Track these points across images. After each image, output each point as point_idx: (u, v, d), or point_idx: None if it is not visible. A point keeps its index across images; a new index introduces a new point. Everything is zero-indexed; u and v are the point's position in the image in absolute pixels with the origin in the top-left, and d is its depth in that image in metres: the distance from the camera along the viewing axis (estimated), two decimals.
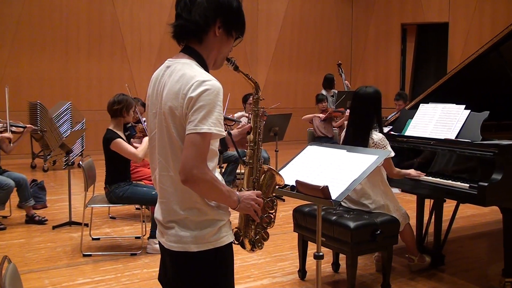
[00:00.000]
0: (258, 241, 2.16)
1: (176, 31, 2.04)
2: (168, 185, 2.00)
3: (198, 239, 1.97)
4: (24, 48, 10.61)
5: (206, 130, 1.84)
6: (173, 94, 1.91)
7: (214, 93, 1.87)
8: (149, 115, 2.09)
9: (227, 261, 2.07)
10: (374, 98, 3.96)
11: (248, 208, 2.05)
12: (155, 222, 4.73)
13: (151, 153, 2.11)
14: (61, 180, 8.78)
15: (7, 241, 5.23)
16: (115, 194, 4.80)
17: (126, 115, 4.93)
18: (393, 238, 3.89)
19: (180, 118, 1.90)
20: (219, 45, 2.04)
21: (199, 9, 1.96)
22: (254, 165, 2.17)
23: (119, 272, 4.40)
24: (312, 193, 2.52)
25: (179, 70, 1.95)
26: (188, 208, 1.97)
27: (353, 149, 2.84)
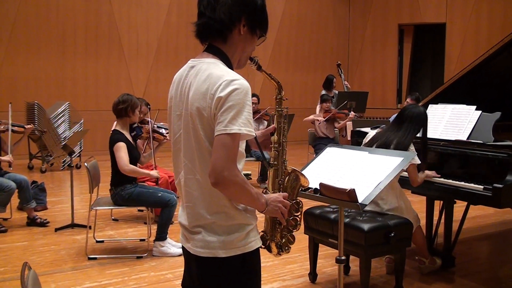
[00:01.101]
0: (285, 244, 2.11)
1: (200, 29, 1.98)
2: (195, 189, 1.94)
3: (226, 244, 1.91)
4: (20, 47, 10.48)
5: (236, 130, 1.78)
6: (201, 95, 1.85)
7: (243, 92, 1.81)
8: (173, 117, 2.02)
9: (255, 267, 2.01)
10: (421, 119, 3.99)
11: (275, 210, 1.99)
12: (161, 224, 4.70)
13: (175, 156, 2.05)
14: (59, 181, 8.68)
15: (9, 244, 5.13)
16: (121, 196, 4.73)
17: (132, 114, 4.86)
18: (407, 240, 3.85)
19: (208, 119, 1.84)
20: (243, 44, 1.99)
21: (224, 7, 1.91)
22: (279, 167, 2.12)
23: (126, 275, 4.33)
24: (337, 196, 2.47)
25: (205, 69, 1.90)
26: (215, 213, 1.92)
27: (375, 151, 2.79)
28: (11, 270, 4.44)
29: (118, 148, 4.65)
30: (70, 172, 5.81)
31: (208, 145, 1.86)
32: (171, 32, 12.05)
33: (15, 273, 4.36)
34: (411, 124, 3.97)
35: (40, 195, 6.34)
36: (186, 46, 12.27)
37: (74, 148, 9.58)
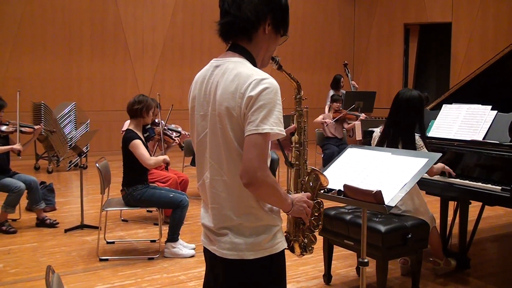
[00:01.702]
0: (308, 244, 2.09)
1: (225, 28, 1.95)
2: (221, 190, 1.91)
3: (254, 246, 1.89)
4: (26, 48, 10.45)
5: (268, 130, 1.76)
6: (229, 94, 1.82)
7: (274, 91, 1.80)
8: (196, 117, 2.00)
9: (281, 268, 2.01)
10: (417, 101, 3.86)
11: (301, 211, 1.99)
12: (173, 225, 4.67)
13: (198, 157, 2.02)
14: (66, 182, 8.65)
15: (20, 245, 5.10)
16: (133, 197, 4.69)
17: (146, 115, 4.84)
18: (423, 241, 3.81)
19: (237, 118, 1.81)
20: (267, 43, 1.97)
21: (250, 6, 1.89)
22: (301, 167, 2.10)
23: (139, 277, 4.30)
24: (362, 198, 2.43)
25: (233, 68, 1.87)
26: (243, 214, 1.89)
27: (397, 151, 2.75)
28: (22, 271, 4.41)
29: (136, 146, 4.63)
30: (79, 172, 5.78)
31: (237, 145, 1.84)
32: (177, 32, 12.02)
33: (26, 275, 4.34)
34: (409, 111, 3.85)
35: (48, 196, 6.30)
36: (191, 46, 12.25)
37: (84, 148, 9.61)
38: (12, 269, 4.46)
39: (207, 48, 12.39)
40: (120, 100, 11.52)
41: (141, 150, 4.65)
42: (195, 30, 12.24)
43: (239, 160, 1.83)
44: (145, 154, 4.67)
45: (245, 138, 1.78)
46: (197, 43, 12.32)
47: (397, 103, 3.94)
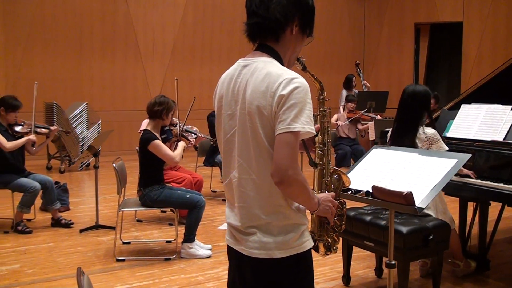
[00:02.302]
0: (332, 244, 2.09)
1: (254, 29, 1.96)
2: (250, 189, 1.91)
3: (282, 244, 1.90)
4: (38, 48, 10.47)
5: (300, 128, 1.77)
6: (260, 93, 1.83)
7: (304, 90, 1.81)
8: (223, 117, 2.00)
9: (309, 267, 2.01)
10: (422, 95, 3.86)
11: (326, 210, 1.98)
12: (190, 226, 4.65)
13: (225, 156, 2.02)
14: (78, 182, 8.66)
15: (36, 245, 5.10)
16: (150, 198, 4.68)
17: (165, 117, 4.83)
18: (445, 243, 3.78)
19: (268, 117, 1.82)
20: (294, 44, 1.99)
21: (279, 6, 1.90)
22: (325, 167, 2.10)
23: (156, 277, 4.28)
24: (391, 199, 2.41)
25: (262, 68, 1.88)
26: (271, 213, 1.90)
27: (425, 152, 2.72)
28: (39, 272, 4.41)
29: (157, 146, 4.63)
30: (91, 172, 5.79)
31: (267, 144, 1.85)
32: (187, 32, 12.02)
33: (44, 275, 4.33)
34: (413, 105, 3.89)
35: (62, 196, 6.30)
36: (202, 45, 12.24)
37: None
38: (29, 269, 4.45)
39: (217, 47, 12.39)
40: (131, 100, 11.55)
41: (163, 149, 4.66)
42: (206, 30, 12.23)
43: (268, 159, 1.85)
44: (169, 152, 4.68)
45: (276, 136, 1.79)
46: (207, 43, 12.31)
47: (402, 98, 3.97)
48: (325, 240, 2.07)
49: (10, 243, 5.16)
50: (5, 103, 5.55)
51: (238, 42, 12.73)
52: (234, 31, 12.64)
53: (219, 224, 5.87)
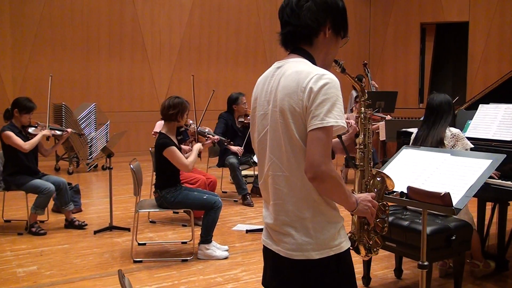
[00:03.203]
0: (373, 246, 2.06)
1: (288, 38, 2.00)
2: (283, 186, 1.92)
3: (319, 245, 1.89)
4: (45, 48, 10.48)
5: (333, 122, 1.78)
6: (291, 89, 1.86)
7: (335, 86, 1.83)
8: (257, 117, 2.03)
9: (349, 268, 1.99)
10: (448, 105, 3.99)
11: (365, 210, 1.96)
12: (207, 227, 4.64)
13: (259, 155, 2.04)
14: (87, 183, 8.64)
15: (51, 247, 5.09)
16: (167, 199, 4.67)
17: (181, 119, 4.79)
18: (467, 243, 3.76)
19: (300, 113, 1.84)
20: (327, 46, 2.01)
21: (309, 13, 1.93)
22: (365, 168, 2.09)
23: (175, 279, 4.27)
24: (427, 200, 2.39)
25: (293, 67, 1.92)
26: (305, 208, 1.89)
27: (457, 152, 2.71)
28: (58, 273, 4.40)
29: (172, 153, 4.58)
30: (99, 173, 5.78)
31: (300, 140, 1.85)
32: (194, 32, 12.01)
33: (62, 277, 4.32)
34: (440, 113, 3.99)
35: (75, 197, 6.29)
36: (208, 46, 12.23)
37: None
38: (46, 271, 4.44)
39: (224, 48, 12.39)
40: (138, 100, 11.54)
41: (178, 157, 4.60)
42: (212, 31, 12.23)
43: (301, 154, 1.85)
44: (183, 161, 4.62)
45: (309, 132, 1.80)
46: (214, 44, 12.30)
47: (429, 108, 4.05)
48: (366, 241, 2.05)
49: (25, 244, 5.15)
50: (19, 105, 5.54)
51: (244, 42, 12.73)
52: (240, 31, 12.64)
53: (232, 225, 5.86)
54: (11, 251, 4.95)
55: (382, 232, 2.05)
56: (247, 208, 6.71)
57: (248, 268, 4.50)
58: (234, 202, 6.99)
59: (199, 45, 12.11)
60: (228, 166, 6.89)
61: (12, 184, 5.47)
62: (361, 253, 2.11)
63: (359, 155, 2.11)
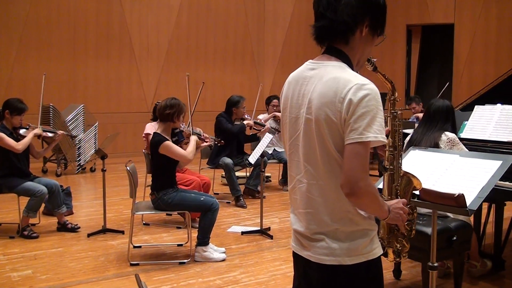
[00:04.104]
0: (402, 250, 2.05)
1: (322, 32, 1.90)
2: (317, 195, 1.87)
3: (351, 251, 1.85)
4: (31, 49, 10.33)
5: (372, 138, 1.71)
6: (328, 99, 1.77)
7: (376, 97, 1.75)
8: (288, 119, 1.96)
9: (379, 274, 1.96)
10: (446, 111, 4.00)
11: (397, 218, 1.93)
12: (204, 229, 4.60)
13: (291, 160, 1.99)
14: (75, 185, 8.51)
15: (45, 250, 5.01)
16: (164, 201, 4.62)
17: (177, 120, 4.74)
18: (467, 243, 3.79)
19: (337, 124, 1.76)
20: (364, 45, 1.91)
21: (347, 8, 1.83)
22: (395, 171, 2.04)
23: (174, 282, 4.23)
24: (440, 201, 2.40)
25: (330, 72, 1.82)
26: (339, 219, 1.85)
27: (465, 153, 2.72)
28: (54, 277, 4.33)
29: (168, 147, 4.54)
30: (102, 176, 5.66)
31: (336, 151, 1.79)
32: (182, 33, 11.95)
33: (59, 281, 4.26)
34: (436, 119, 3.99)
35: (66, 200, 6.18)
36: (196, 47, 12.18)
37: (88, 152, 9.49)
38: (42, 275, 4.37)
39: (211, 49, 12.35)
40: (125, 102, 11.45)
41: (175, 149, 4.58)
42: (200, 32, 12.18)
43: (336, 165, 1.80)
44: (181, 152, 4.61)
45: (347, 146, 1.73)
46: (202, 45, 12.25)
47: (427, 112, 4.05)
48: (395, 246, 2.04)
49: (17, 248, 5.06)
50: (10, 106, 5.45)
51: (232, 44, 12.70)
52: (228, 33, 12.61)
53: (227, 227, 5.83)
54: (3, 255, 4.86)
55: (409, 236, 2.03)
56: (240, 209, 6.68)
57: (247, 270, 4.48)
58: (227, 203, 6.96)
59: (187, 46, 12.05)
60: (223, 167, 6.86)
61: (3, 187, 5.37)
62: (389, 258, 2.09)
63: (389, 157, 2.04)
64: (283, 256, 4.86)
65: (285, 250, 5.02)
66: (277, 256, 4.85)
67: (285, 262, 4.68)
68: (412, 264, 4.53)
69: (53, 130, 6.06)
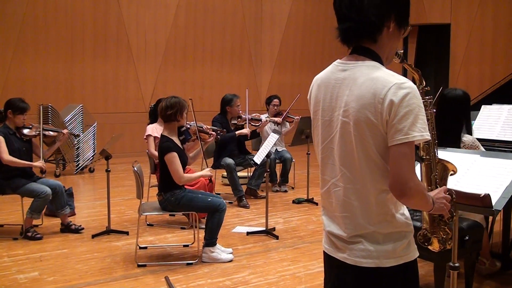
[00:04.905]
0: (447, 238, 2.06)
1: (349, 34, 1.85)
2: (354, 199, 1.84)
3: (390, 253, 1.83)
4: (28, 49, 10.25)
5: (418, 137, 1.69)
6: (367, 100, 1.74)
7: (416, 95, 1.72)
8: (320, 122, 1.93)
9: (416, 277, 1.94)
10: (464, 100, 3.80)
11: (442, 208, 1.91)
12: (211, 229, 4.56)
13: (324, 163, 1.95)
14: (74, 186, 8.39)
15: (50, 252, 4.96)
16: (171, 202, 4.59)
17: (180, 118, 4.70)
18: (479, 243, 3.79)
19: (378, 125, 1.73)
20: (392, 40, 1.88)
21: (372, 8, 1.78)
22: (431, 160, 2.03)
23: (183, 283, 4.20)
24: (466, 201, 2.39)
25: (365, 73, 1.79)
26: (377, 222, 1.83)
27: (486, 153, 2.71)
28: (61, 279, 4.29)
29: (171, 161, 4.48)
30: (106, 176, 5.61)
31: (377, 154, 1.77)
32: (179, 33, 11.91)
33: (66, 283, 4.22)
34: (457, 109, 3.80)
35: (69, 201, 6.13)
36: (194, 47, 12.14)
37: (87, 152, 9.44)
38: (49, 277, 4.33)
39: (209, 49, 12.32)
40: (123, 102, 11.40)
41: (175, 166, 4.50)
42: (198, 31, 12.14)
43: (375, 168, 1.78)
44: (179, 170, 4.52)
45: (392, 147, 1.71)
46: (199, 44, 12.22)
47: (441, 103, 3.91)
48: (439, 235, 2.04)
49: (22, 250, 5.01)
50: (13, 106, 5.40)
51: (229, 43, 12.68)
52: (226, 32, 12.59)
53: (231, 227, 5.81)
54: (8, 257, 4.81)
55: (450, 222, 2.03)
56: (243, 209, 6.66)
57: (255, 271, 4.46)
58: (230, 204, 6.93)
59: (185, 46, 12.01)
60: (225, 167, 6.84)
61: (7, 188, 5.32)
62: (435, 247, 2.11)
63: (424, 147, 2.02)
64: (290, 256, 4.85)
65: (291, 251, 5.01)
66: (285, 257, 4.83)
67: (293, 263, 4.66)
68: (420, 263, 4.52)
69: (57, 130, 5.99)
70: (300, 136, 7.21)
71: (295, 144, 7.41)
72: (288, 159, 7.62)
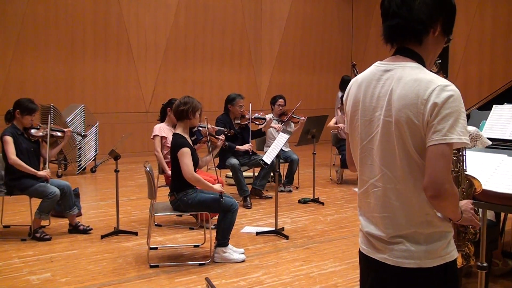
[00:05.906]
0: (470, 254, 2.04)
1: (395, 31, 1.85)
2: (395, 199, 1.84)
3: (431, 253, 1.82)
4: (29, 49, 10.19)
5: (457, 139, 1.68)
6: (410, 101, 1.74)
7: (459, 98, 1.72)
8: (360, 122, 1.93)
9: (456, 277, 1.93)
10: None
11: (470, 218, 1.92)
12: (223, 230, 4.55)
13: (362, 163, 1.94)
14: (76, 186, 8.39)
15: (60, 253, 4.93)
16: (183, 202, 4.58)
17: (193, 117, 4.69)
18: (494, 243, 3.81)
19: (419, 126, 1.73)
20: (436, 45, 1.88)
21: (424, 7, 1.79)
22: (460, 173, 2.02)
23: (197, 283, 4.20)
24: (498, 201, 2.40)
25: (409, 74, 1.79)
26: (418, 222, 1.83)
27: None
28: (74, 280, 4.27)
29: (183, 154, 4.49)
30: (115, 176, 5.57)
31: (416, 154, 1.77)
32: (180, 33, 11.88)
33: (80, 284, 4.19)
34: None
35: (75, 201, 6.11)
36: (194, 47, 12.12)
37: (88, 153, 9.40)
38: (62, 278, 4.30)
39: (209, 49, 12.30)
40: (123, 102, 11.35)
41: (187, 160, 4.50)
42: (198, 31, 12.12)
43: (416, 168, 1.78)
44: (190, 165, 4.51)
45: (430, 147, 1.71)
46: (199, 44, 12.19)
47: None
48: (464, 250, 2.03)
49: (31, 251, 4.98)
50: (21, 106, 5.37)
51: (229, 43, 12.66)
52: (226, 32, 12.57)
53: (240, 227, 5.80)
54: (18, 258, 4.78)
55: (474, 238, 2.02)
56: (250, 210, 6.65)
57: (269, 271, 4.46)
58: None
59: (185, 46, 11.99)
60: (229, 167, 6.82)
61: (15, 188, 5.29)
62: (458, 262, 2.06)
63: (453, 159, 1.99)
64: (302, 256, 4.84)
65: (302, 250, 5.01)
66: (296, 257, 4.83)
67: (305, 263, 4.66)
68: None
69: (62, 129, 5.96)
70: (306, 136, 7.21)
71: (301, 144, 7.41)
72: (295, 160, 7.62)
